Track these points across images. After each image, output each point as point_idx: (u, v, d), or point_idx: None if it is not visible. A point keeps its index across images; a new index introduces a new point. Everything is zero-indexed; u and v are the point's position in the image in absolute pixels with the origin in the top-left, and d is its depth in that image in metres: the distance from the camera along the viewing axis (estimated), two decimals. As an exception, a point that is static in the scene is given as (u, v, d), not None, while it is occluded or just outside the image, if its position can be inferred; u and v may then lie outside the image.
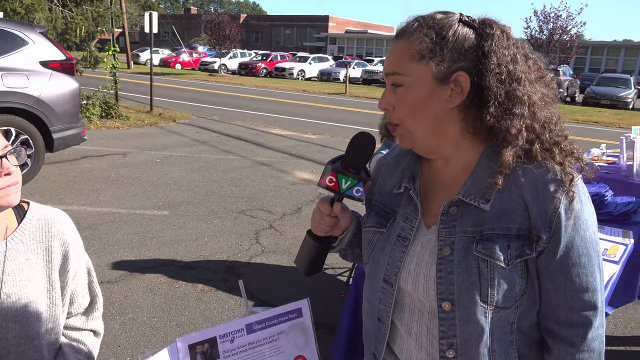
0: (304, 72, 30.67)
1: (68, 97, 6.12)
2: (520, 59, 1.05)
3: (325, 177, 1.13)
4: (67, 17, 9.84)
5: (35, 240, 1.39)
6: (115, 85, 11.14)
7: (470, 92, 1.02)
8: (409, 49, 1.03)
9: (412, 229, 1.11)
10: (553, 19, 22.89)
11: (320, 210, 1.16)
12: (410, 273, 1.09)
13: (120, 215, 5.19)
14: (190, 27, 60.07)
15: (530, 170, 1.01)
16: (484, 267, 1.01)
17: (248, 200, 5.98)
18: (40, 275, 1.38)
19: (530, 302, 1.05)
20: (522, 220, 1.01)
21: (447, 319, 1.04)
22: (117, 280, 3.77)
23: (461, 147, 1.07)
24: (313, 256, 1.23)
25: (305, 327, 1.24)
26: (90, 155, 7.68)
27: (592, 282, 1.03)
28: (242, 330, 1.16)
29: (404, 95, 1.04)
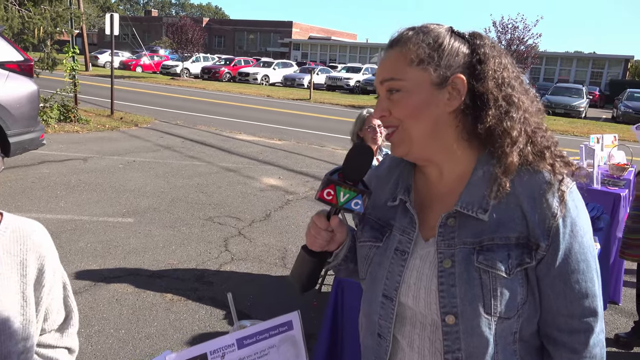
0: (268, 78, 30.56)
1: (26, 100, 5.89)
2: (510, 67, 1.08)
3: (323, 191, 1.09)
4: (24, 17, 9.47)
5: (9, 254, 1.31)
6: (74, 87, 10.79)
7: (466, 97, 1.03)
8: (406, 55, 1.04)
9: (410, 242, 1.09)
10: (510, 30, 23.63)
11: (317, 224, 1.12)
12: (411, 287, 1.07)
13: (82, 222, 5.01)
14: (151, 29, 58.97)
15: (526, 177, 1.03)
16: (485, 278, 1.00)
17: (215, 207, 5.88)
18: (14, 291, 1.31)
19: (532, 311, 1.05)
20: (520, 229, 1.01)
21: (451, 332, 1.03)
22: (81, 291, 3.62)
23: (455, 154, 1.08)
24: (309, 272, 1.19)
25: (296, 340, 1.21)
26: (48, 160, 7.40)
27: (592, 288, 1.04)
28: (233, 345, 1.12)
29: (401, 99, 1.04)
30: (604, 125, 18.83)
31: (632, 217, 3.41)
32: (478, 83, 1.03)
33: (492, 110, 1.02)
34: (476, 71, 1.03)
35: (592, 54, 42.87)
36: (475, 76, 1.03)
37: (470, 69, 1.04)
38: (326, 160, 9.14)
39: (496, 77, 1.04)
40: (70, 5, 12.59)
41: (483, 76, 1.03)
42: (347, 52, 48.76)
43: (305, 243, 1.18)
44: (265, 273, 4.24)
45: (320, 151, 10.06)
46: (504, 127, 1.03)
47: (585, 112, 22.89)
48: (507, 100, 1.04)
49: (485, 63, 1.04)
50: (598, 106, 29.57)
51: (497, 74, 1.04)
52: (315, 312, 3.54)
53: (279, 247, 4.82)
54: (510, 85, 1.05)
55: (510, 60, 1.10)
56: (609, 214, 4.01)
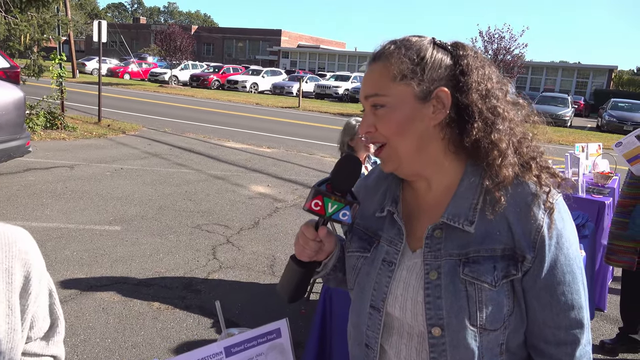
0: (257, 85, 30.59)
1: (12, 107, 5.83)
2: (494, 77, 1.08)
3: (310, 201, 1.09)
4: (10, 24, 9.40)
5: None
6: (61, 94, 10.71)
7: (451, 110, 1.03)
8: (389, 70, 1.03)
9: (397, 253, 1.10)
10: (497, 39, 23.92)
11: (305, 234, 1.11)
12: (398, 298, 1.08)
13: (68, 230, 4.96)
14: (140, 37, 58.78)
15: (511, 189, 1.03)
16: (471, 290, 1.01)
17: (204, 215, 5.86)
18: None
19: (518, 322, 1.05)
20: (506, 241, 1.02)
21: (437, 344, 1.03)
22: (67, 300, 3.58)
23: (442, 167, 1.08)
24: (297, 282, 1.19)
25: (284, 348, 1.22)
26: (34, 168, 7.32)
27: (578, 300, 1.04)
28: (221, 354, 1.12)
29: (386, 115, 1.04)
30: (589, 134, 19.07)
31: (615, 224, 3.46)
32: (462, 95, 1.03)
33: (477, 122, 1.03)
34: (460, 83, 1.03)
35: (577, 64, 43.45)
36: (459, 88, 1.03)
37: (454, 81, 1.04)
38: (315, 167, 9.16)
39: (480, 88, 1.04)
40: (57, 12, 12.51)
41: (467, 88, 1.03)
42: (336, 61, 48.97)
43: (293, 252, 1.18)
44: (253, 281, 4.23)
45: (309, 159, 10.07)
46: (491, 139, 1.03)
47: (571, 121, 23.20)
48: (492, 112, 1.04)
49: (468, 75, 1.03)
50: (583, 115, 29.96)
51: (481, 85, 1.04)
52: (303, 321, 3.53)
53: (267, 255, 4.81)
54: (494, 97, 1.05)
55: (494, 70, 1.10)
56: (593, 221, 4.06)
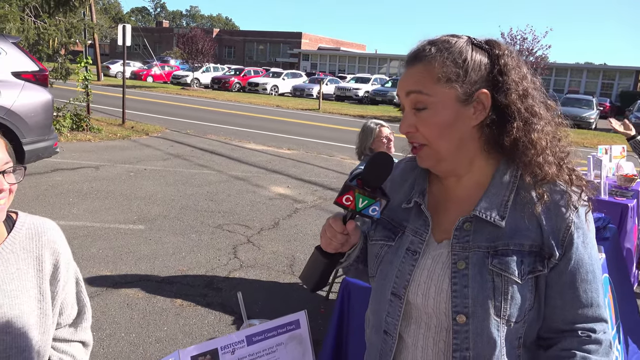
0: (277, 88, 30.77)
1: (40, 109, 6.01)
2: (529, 77, 1.11)
3: (342, 196, 1.12)
4: (39, 28, 9.68)
5: (26, 250, 1.38)
6: (87, 97, 10.97)
7: (490, 110, 1.06)
8: (431, 72, 1.05)
9: (422, 243, 1.13)
10: (519, 41, 23.64)
11: (333, 227, 1.14)
12: (421, 286, 1.10)
13: (94, 229, 5.10)
14: (162, 40, 59.66)
15: (542, 195, 1.06)
16: (498, 281, 1.04)
17: (225, 215, 5.95)
18: (31, 285, 1.37)
19: (534, 318, 1.09)
20: (534, 237, 1.05)
21: (461, 332, 1.06)
22: (93, 296, 3.69)
23: (474, 164, 1.12)
24: (321, 272, 1.22)
25: (302, 339, 1.26)
26: (61, 168, 7.52)
27: (596, 298, 1.08)
28: (243, 342, 1.17)
29: (429, 118, 1.06)
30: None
31: None
32: (501, 95, 1.05)
33: (517, 122, 1.05)
34: (499, 84, 1.06)
35: (602, 65, 42.74)
36: (498, 89, 1.05)
37: (493, 82, 1.06)
38: (334, 169, 9.20)
39: (518, 89, 1.06)
40: (83, 16, 12.81)
41: (506, 88, 1.05)
42: (356, 63, 48.98)
43: (319, 244, 1.22)
44: (273, 280, 4.29)
45: (329, 161, 10.12)
46: (530, 138, 1.06)
47: (596, 123, 22.79)
48: (530, 112, 1.07)
49: (507, 74, 1.06)
50: (608, 117, 29.40)
51: (520, 85, 1.06)
52: (322, 319, 3.58)
53: (287, 254, 4.87)
54: (531, 96, 1.08)
55: (528, 68, 1.13)
56: (616, 224, 4.01)
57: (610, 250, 3.27)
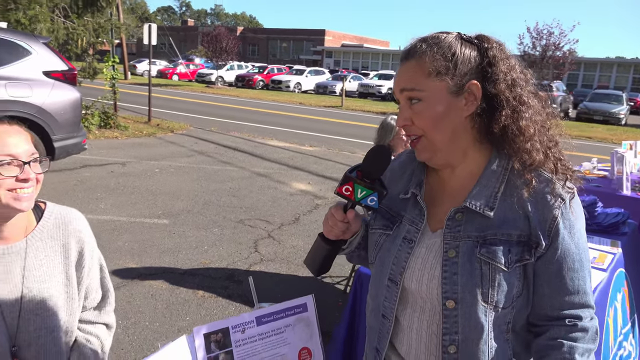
0: (300, 85, 30.90)
1: (70, 107, 6.21)
2: (517, 68, 1.16)
3: (342, 186, 1.19)
4: (68, 28, 9.98)
5: (53, 238, 1.47)
6: (114, 95, 11.24)
7: (481, 100, 1.11)
8: (423, 67, 1.11)
9: (417, 232, 1.19)
10: (546, 35, 23.24)
11: (334, 216, 1.22)
12: (415, 273, 1.17)
13: (120, 223, 5.27)
14: (187, 39, 60.42)
15: (530, 180, 1.10)
16: (486, 269, 1.09)
17: (247, 210, 6.06)
18: (58, 271, 1.47)
19: (523, 304, 1.13)
20: (522, 227, 1.10)
21: (450, 316, 1.12)
22: (119, 287, 3.83)
23: (468, 155, 1.17)
24: (324, 258, 1.30)
25: (310, 321, 1.33)
26: (89, 165, 7.75)
27: (583, 286, 1.13)
28: (253, 322, 1.25)
29: (423, 110, 1.12)
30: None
31: None
32: (490, 85, 1.10)
33: (505, 110, 1.10)
34: (488, 74, 1.11)
35: (634, 59, 41.56)
36: (487, 79, 1.11)
37: (482, 73, 1.11)
38: (356, 166, 9.23)
39: (507, 78, 1.11)
40: (110, 16, 13.12)
41: (495, 78, 1.10)
42: (380, 60, 48.80)
43: (322, 231, 1.29)
44: (292, 274, 4.37)
45: (351, 157, 10.17)
46: (519, 125, 1.10)
47: (626, 119, 22.24)
48: (518, 100, 1.12)
49: (495, 66, 1.11)
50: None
51: (508, 75, 1.11)
52: (339, 312, 3.64)
53: (306, 249, 4.92)
54: (519, 86, 1.13)
55: (518, 61, 1.18)
56: (638, 220, 3.97)
57: (628, 245, 3.25)
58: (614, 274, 2.60)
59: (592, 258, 2.64)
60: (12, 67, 5.78)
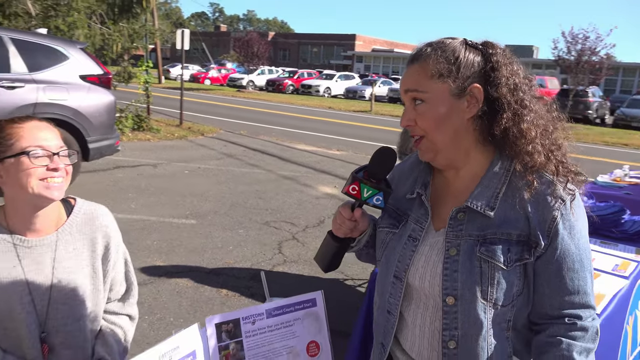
0: (330, 90, 31.02)
1: (104, 110, 6.43)
2: (521, 73, 1.19)
3: (349, 186, 1.24)
4: (104, 34, 10.34)
5: (81, 232, 1.57)
6: (147, 99, 11.55)
7: (483, 103, 1.15)
8: (426, 70, 1.16)
9: (421, 231, 1.23)
10: (581, 40, 22.72)
11: (342, 214, 1.27)
12: (418, 270, 1.21)
13: (150, 222, 5.43)
14: (220, 44, 61.41)
15: (532, 181, 1.13)
16: (485, 267, 1.13)
17: (272, 212, 6.15)
18: (85, 263, 1.56)
19: (524, 303, 1.16)
20: (522, 227, 1.13)
21: (450, 312, 1.16)
22: (147, 283, 3.96)
23: (471, 157, 1.20)
24: (332, 255, 1.35)
25: (318, 316, 1.39)
26: (122, 166, 7.99)
27: (584, 286, 1.15)
28: (263, 315, 1.31)
29: (426, 111, 1.16)
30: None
31: None
32: (493, 89, 1.14)
33: (507, 113, 1.14)
34: (490, 78, 1.15)
35: (676, 64, 40.05)
36: (490, 83, 1.14)
37: (485, 77, 1.15)
38: (382, 170, 9.23)
39: (509, 83, 1.15)
40: (145, 22, 13.51)
41: (497, 83, 1.14)
42: (411, 64, 48.46)
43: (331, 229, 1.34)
44: (315, 275, 4.43)
45: (377, 162, 10.16)
46: (520, 128, 1.14)
47: (666, 126, 21.54)
48: (520, 104, 1.15)
49: (498, 70, 1.15)
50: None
51: (510, 80, 1.15)
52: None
53: (329, 251, 5.00)
54: (522, 90, 1.16)
55: (521, 66, 1.21)
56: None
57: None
58: (636, 282, 2.57)
59: (615, 265, 2.61)
60: (50, 72, 6.04)
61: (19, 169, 1.38)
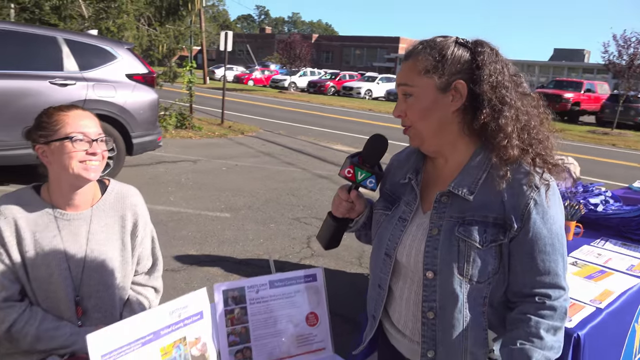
0: (371, 92, 31.03)
1: (148, 107, 6.76)
2: (506, 71, 1.28)
3: (344, 169, 1.38)
4: (151, 35, 10.80)
5: (113, 209, 1.76)
6: (190, 98, 11.97)
7: (467, 99, 1.25)
8: (416, 66, 1.27)
9: (410, 212, 1.36)
10: (634, 44, 21.84)
11: (340, 195, 1.42)
12: (406, 247, 1.34)
13: (186, 214, 5.69)
14: (264, 46, 62.34)
15: (506, 173, 1.23)
16: (462, 246, 1.24)
17: (304, 209, 6.32)
18: (115, 237, 1.75)
19: (500, 281, 1.26)
20: (498, 211, 1.23)
21: (429, 285, 1.28)
22: (180, 270, 4.19)
23: (457, 147, 1.31)
24: (332, 234, 1.49)
25: (318, 290, 1.52)
26: (164, 161, 8.35)
27: (554, 268, 1.24)
28: (266, 285, 1.45)
29: (413, 103, 1.28)
30: None
31: None
32: (475, 86, 1.24)
33: (486, 109, 1.23)
34: (474, 76, 1.24)
35: None
36: (473, 80, 1.24)
37: (470, 74, 1.25)
38: (417, 172, 9.24)
39: (491, 80, 1.24)
40: (190, 24, 13.98)
41: (480, 80, 1.24)
42: (455, 67, 47.78)
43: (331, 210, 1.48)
44: (341, 269, 4.56)
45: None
46: (498, 124, 1.23)
47: None
48: (500, 101, 1.24)
49: (482, 69, 1.24)
50: None
51: (492, 77, 1.24)
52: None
53: (356, 247, 5.10)
54: (504, 87, 1.25)
55: (510, 65, 1.29)
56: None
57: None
58: (652, 282, 2.57)
59: (630, 265, 2.63)
60: (100, 70, 6.41)
61: (62, 151, 1.58)
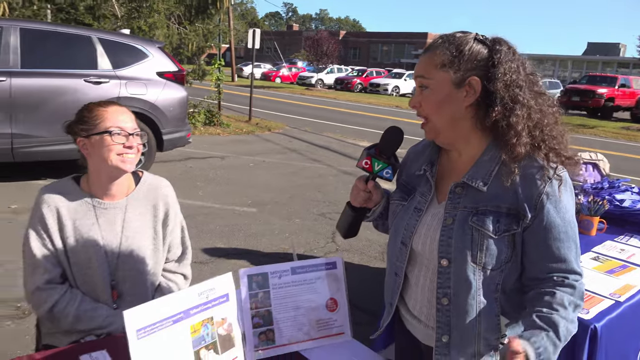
0: (398, 88, 30.86)
1: (177, 104, 6.94)
2: (521, 71, 1.32)
3: (362, 160, 1.45)
4: (181, 34, 11.03)
5: (146, 199, 1.87)
6: (218, 95, 12.17)
7: (481, 95, 1.29)
8: (433, 59, 1.32)
9: (425, 203, 1.42)
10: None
11: (358, 186, 1.49)
12: (421, 236, 1.40)
13: (214, 209, 5.84)
14: (292, 43, 62.56)
15: (523, 162, 1.28)
16: (476, 234, 1.29)
17: (329, 205, 6.40)
18: (148, 226, 1.86)
19: (513, 269, 1.31)
20: (511, 201, 1.28)
21: (444, 273, 1.33)
22: (208, 262, 4.32)
23: (470, 141, 1.36)
24: (350, 223, 1.57)
25: (338, 277, 1.59)
26: (193, 157, 8.55)
27: (568, 255, 1.28)
28: (288, 271, 1.53)
29: (428, 96, 1.33)
30: None
31: None
32: (490, 83, 1.28)
33: (498, 107, 1.28)
34: (489, 73, 1.29)
35: None
36: (487, 77, 1.29)
37: (485, 71, 1.29)
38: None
39: (505, 79, 1.28)
40: (219, 22, 14.19)
41: (494, 78, 1.28)
42: (484, 63, 47.09)
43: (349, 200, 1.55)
44: (365, 264, 4.62)
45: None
46: (509, 122, 1.28)
47: None
48: (512, 99, 1.28)
49: (497, 67, 1.28)
50: None
51: (507, 76, 1.28)
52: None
53: (380, 243, 5.16)
54: (518, 86, 1.29)
55: (527, 65, 1.33)
56: None
57: None
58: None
59: (654, 262, 2.62)
60: (132, 68, 6.61)
61: (102, 144, 1.70)
